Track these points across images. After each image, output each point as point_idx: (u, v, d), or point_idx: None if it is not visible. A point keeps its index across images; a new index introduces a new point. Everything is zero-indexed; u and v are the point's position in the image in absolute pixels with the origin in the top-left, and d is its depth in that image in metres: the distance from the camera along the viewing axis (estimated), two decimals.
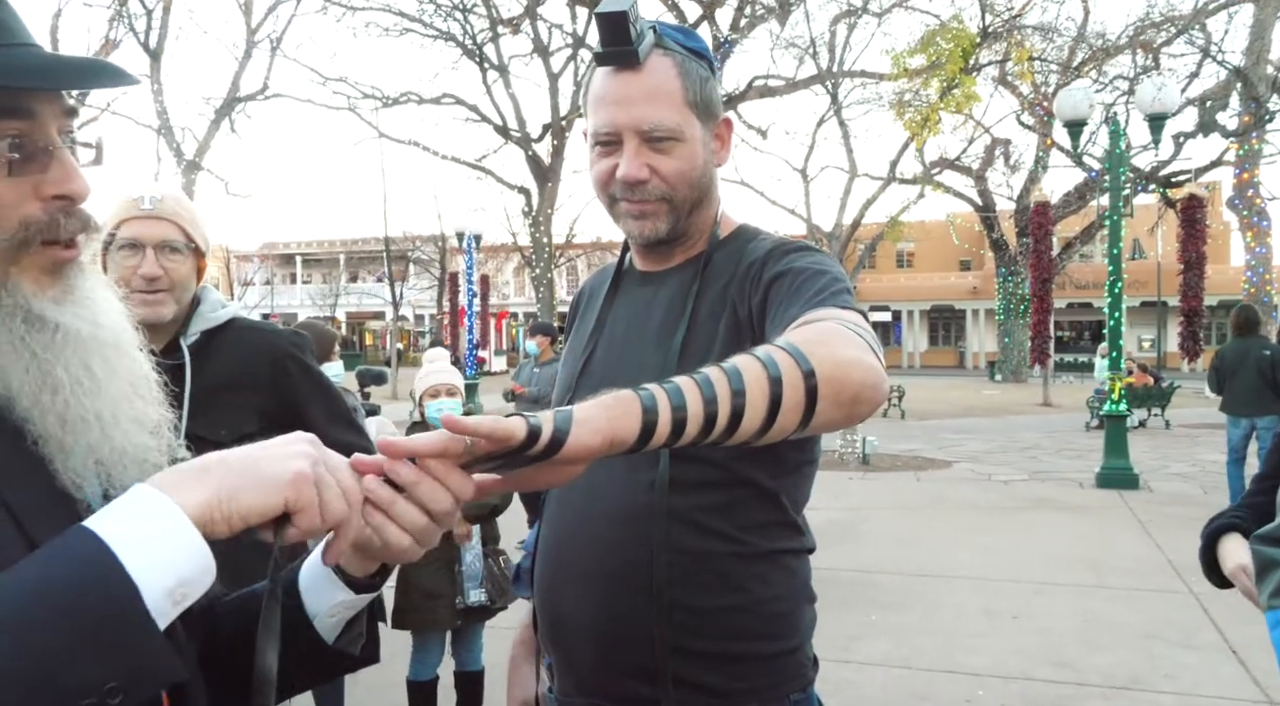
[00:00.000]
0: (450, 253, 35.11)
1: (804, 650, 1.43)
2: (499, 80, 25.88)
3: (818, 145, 37.83)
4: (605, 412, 0.89)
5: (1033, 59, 23.52)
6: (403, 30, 25.25)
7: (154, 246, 1.95)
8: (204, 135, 25.03)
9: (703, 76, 1.41)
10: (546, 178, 25.63)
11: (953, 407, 21.40)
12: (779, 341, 1.05)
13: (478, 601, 3.72)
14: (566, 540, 1.43)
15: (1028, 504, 9.51)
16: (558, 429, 0.84)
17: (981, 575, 6.58)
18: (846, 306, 1.20)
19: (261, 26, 25.77)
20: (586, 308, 1.65)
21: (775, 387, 0.97)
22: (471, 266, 21.13)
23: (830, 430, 1.07)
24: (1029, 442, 14.85)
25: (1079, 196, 27.34)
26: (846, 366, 1.02)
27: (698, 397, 0.94)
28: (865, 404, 1.04)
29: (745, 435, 0.98)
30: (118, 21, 22.63)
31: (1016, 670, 4.72)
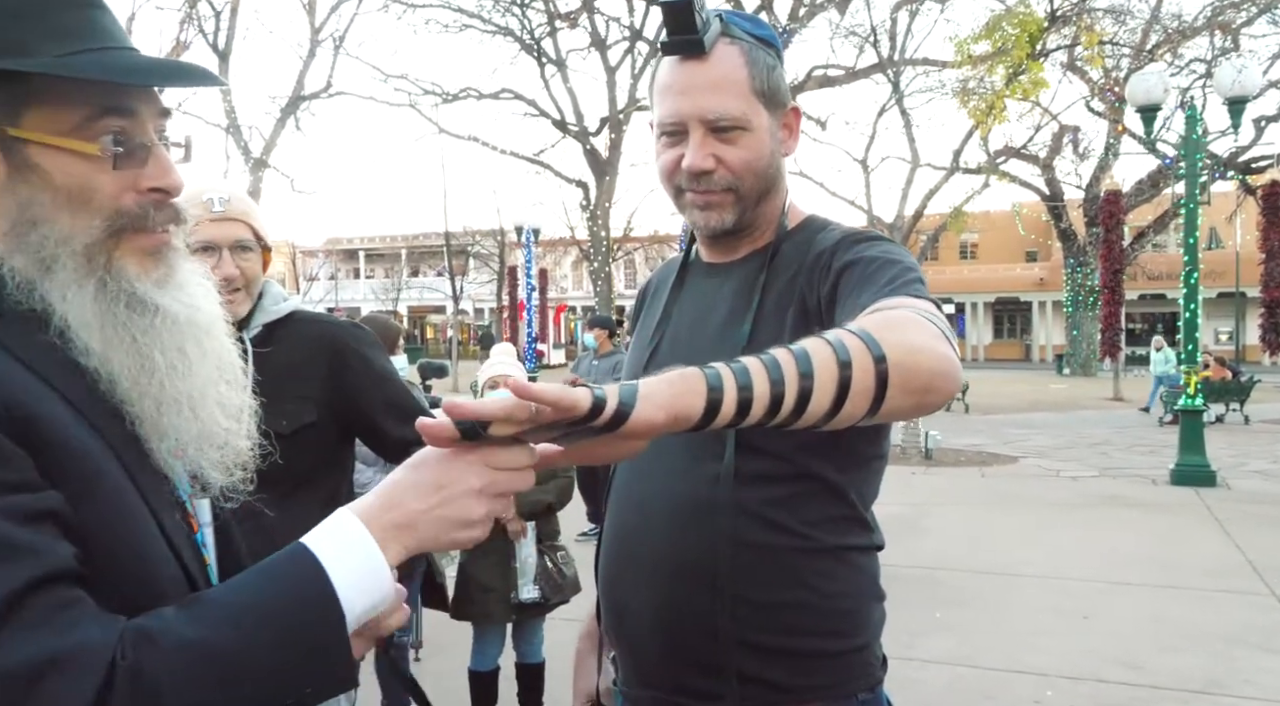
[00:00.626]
0: (509, 247, 35.39)
1: (872, 648, 1.40)
2: (557, 74, 26.01)
3: (879, 135, 37.37)
4: (670, 388, 0.89)
5: (1103, 43, 22.87)
6: (462, 26, 25.50)
7: (228, 247, 1.98)
8: (270, 133, 25.57)
9: (770, 64, 1.38)
10: (604, 171, 25.68)
11: (1018, 402, 20.95)
12: (850, 326, 1.03)
13: (531, 597, 3.73)
14: (630, 532, 1.42)
15: (1097, 501, 9.27)
16: (622, 402, 0.85)
17: (1049, 573, 6.43)
18: (919, 295, 1.17)
19: (325, 25, 26.23)
20: (652, 300, 1.64)
21: (844, 372, 0.95)
22: (530, 260, 21.27)
23: (900, 419, 1.05)
24: (1099, 438, 14.47)
25: (1152, 184, 26.55)
26: (918, 353, 1.00)
27: (764, 378, 0.93)
28: (937, 393, 1.02)
29: (812, 419, 0.96)
30: (188, 23, 23.21)
31: (1086, 671, 4.60)
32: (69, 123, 0.87)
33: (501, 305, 37.51)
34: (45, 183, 0.87)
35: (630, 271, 44.86)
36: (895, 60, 24.77)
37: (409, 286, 46.91)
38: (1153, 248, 30.88)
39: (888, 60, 24.62)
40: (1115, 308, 19.60)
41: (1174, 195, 15.38)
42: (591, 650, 1.62)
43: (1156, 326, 42.08)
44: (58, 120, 0.87)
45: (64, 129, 0.87)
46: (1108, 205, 19.80)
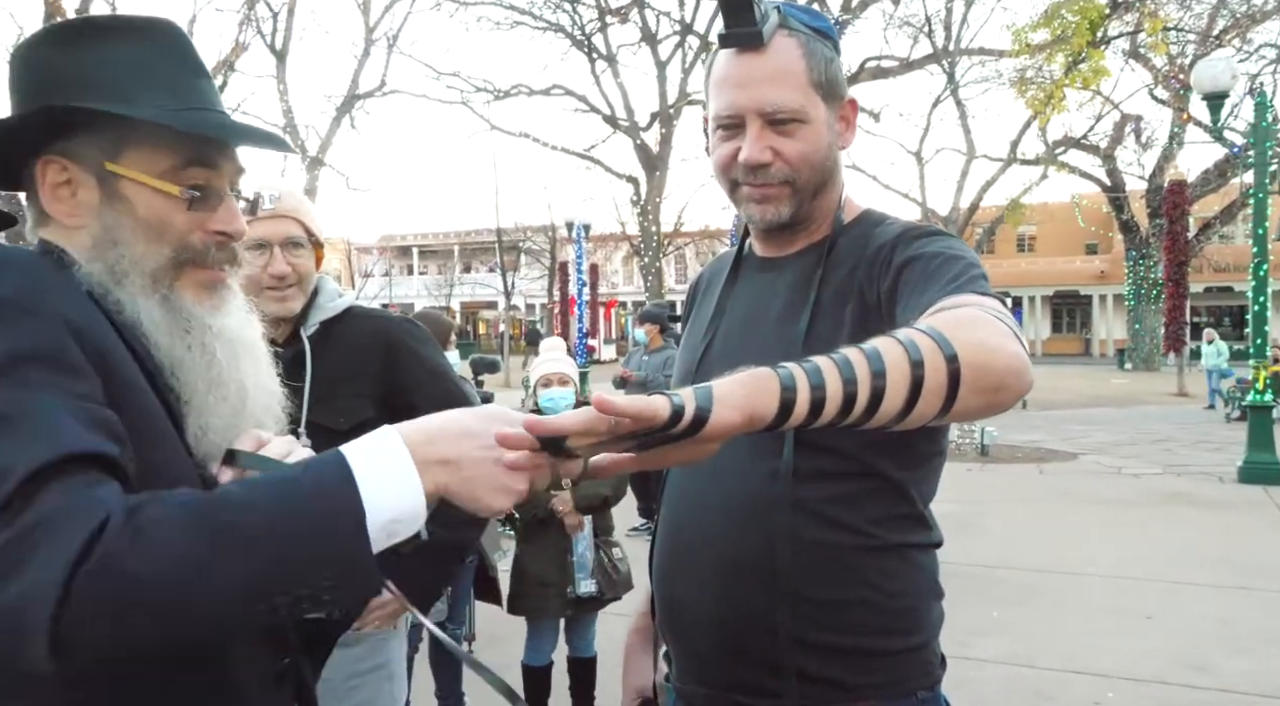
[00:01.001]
0: (560, 242, 35.56)
1: (931, 647, 1.39)
2: (607, 70, 26.05)
3: (933, 127, 36.81)
4: (743, 390, 0.90)
5: (1168, 29, 22.23)
6: (513, 23, 25.68)
7: (280, 244, 2.00)
8: (326, 132, 26.01)
9: (828, 57, 1.37)
10: (655, 166, 25.67)
11: (1078, 397, 20.52)
12: (919, 324, 1.02)
13: (588, 592, 3.74)
14: (686, 528, 1.41)
15: (1161, 499, 9.04)
16: (700, 407, 0.86)
17: (1110, 572, 6.29)
18: (984, 293, 1.15)
19: (379, 25, 26.59)
20: (704, 295, 1.63)
21: (917, 371, 0.95)
22: (581, 256, 21.34)
23: (971, 419, 1.06)
24: (1162, 434, 14.11)
25: (1219, 174, 25.79)
26: (990, 352, 1.00)
27: (837, 378, 0.93)
28: (1009, 392, 1.02)
29: (884, 419, 0.96)
30: (246, 25, 23.67)
31: (1149, 673, 4.49)
32: (160, 166, 1.02)
33: (552, 301, 37.74)
34: (129, 212, 1.01)
35: (681, 266, 44.80)
36: (950, 50, 24.37)
37: (461, 282, 47.40)
38: (1219, 239, 30.07)
39: (943, 50, 24.23)
40: (1180, 301, 19.14)
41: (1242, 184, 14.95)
42: (643, 645, 1.61)
43: (1223, 320, 40.96)
44: (151, 162, 1.02)
45: (155, 171, 1.02)
46: (1172, 196, 19.31)
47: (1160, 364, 28.51)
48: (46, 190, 1.01)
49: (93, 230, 1.01)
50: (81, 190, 1.01)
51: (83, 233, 1.01)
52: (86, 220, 1.01)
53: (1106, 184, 29.52)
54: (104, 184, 1.01)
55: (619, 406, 0.81)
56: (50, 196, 1.01)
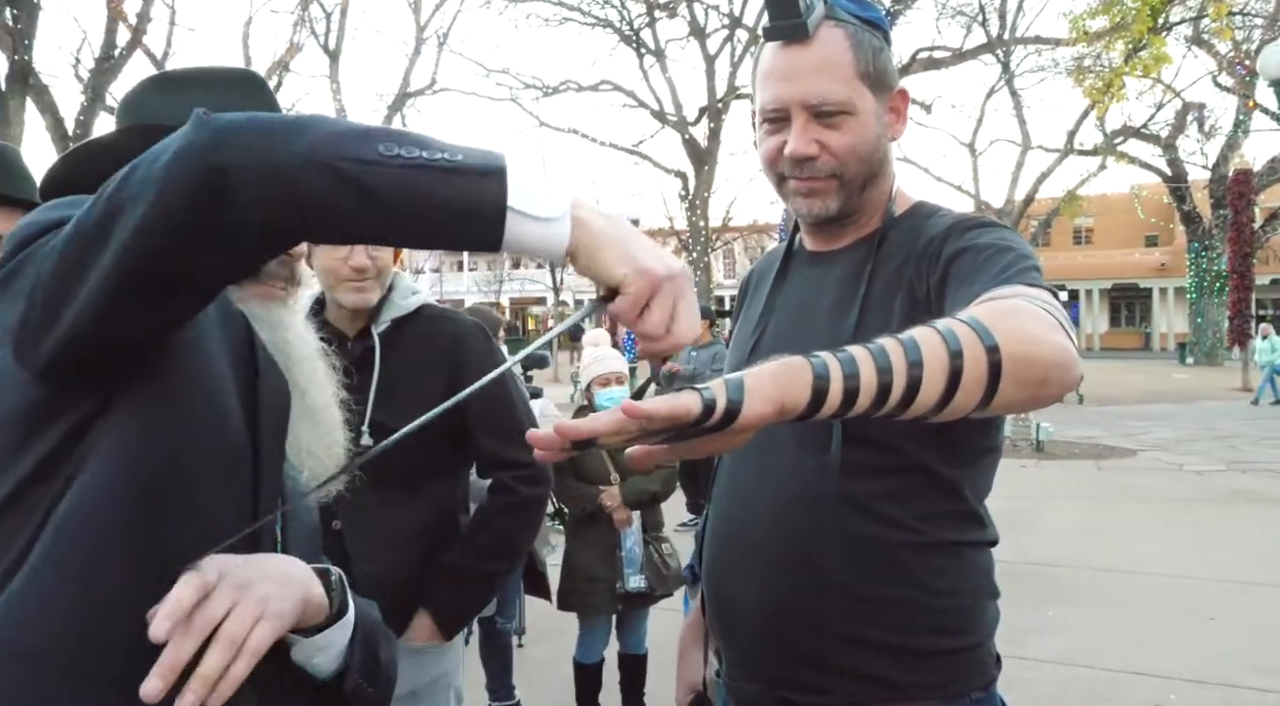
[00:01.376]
0: None
1: (986, 647, 1.36)
2: (655, 65, 26.00)
3: (987, 118, 36.19)
4: (774, 380, 0.89)
5: (1233, 13, 21.57)
6: (562, 20, 25.73)
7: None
8: None
9: (876, 47, 1.35)
10: (703, 161, 25.59)
11: (1137, 392, 20.06)
12: (961, 314, 1.00)
13: (637, 588, 3.73)
14: (735, 523, 1.41)
15: (1225, 496, 8.80)
16: (731, 399, 0.85)
17: (1172, 571, 6.13)
18: (1034, 284, 1.12)
19: (430, 23, 26.88)
20: (754, 291, 1.61)
21: (955, 362, 0.93)
22: None
23: (1014, 411, 1.03)
24: (1226, 431, 13.72)
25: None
26: (1034, 344, 0.97)
27: (871, 367, 0.92)
28: (1053, 385, 0.99)
29: (921, 410, 0.94)
30: (301, 26, 24.06)
31: (1214, 675, 4.37)
32: None
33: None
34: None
35: (729, 261, 44.63)
36: (1005, 39, 23.93)
37: (511, 278, 47.71)
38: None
39: (997, 40, 23.80)
40: (1244, 293, 18.62)
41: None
42: (696, 641, 1.61)
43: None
44: None
45: None
46: (1237, 185, 18.77)
47: (1224, 358, 27.74)
48: None
49: None
50: None
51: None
52: None
53: (1167, 174, 28.78)
54: None
55: (647, 409, 0.81)
56: None
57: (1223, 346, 26.93)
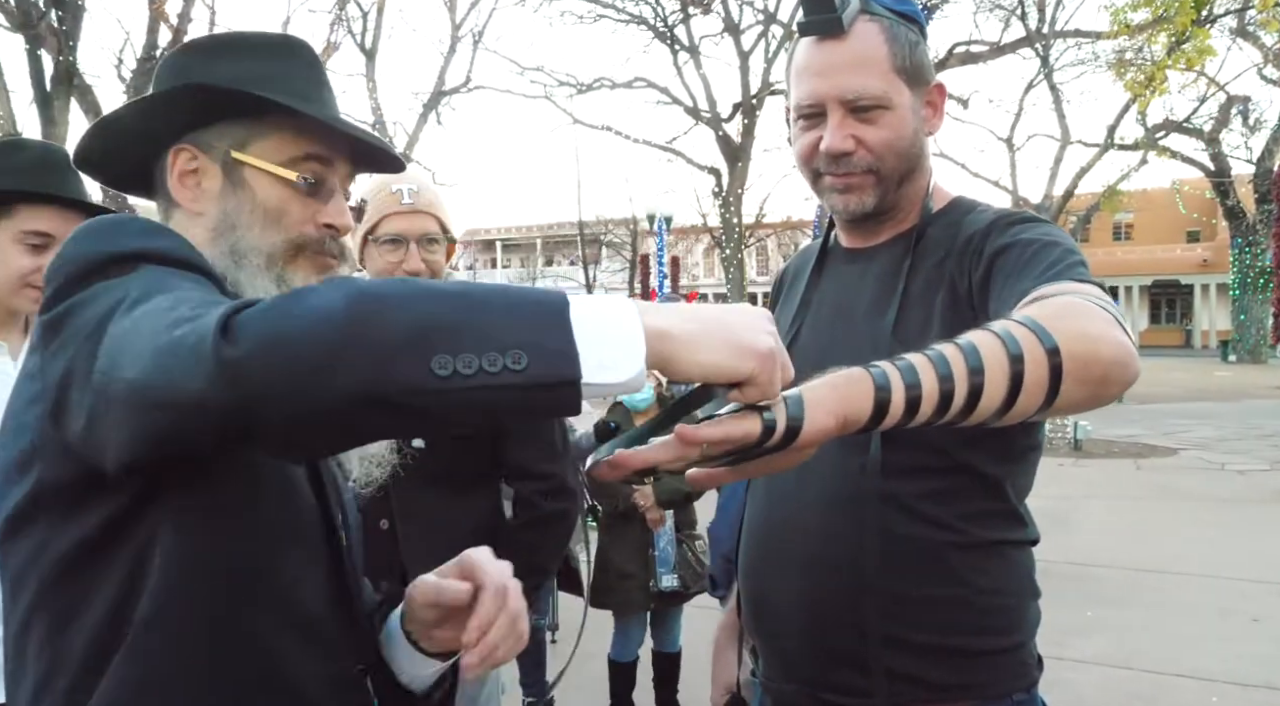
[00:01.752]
0: (641, 235, 35.62)
1: (1028, 648, 1.35)
2: (689, 61, 25.93)
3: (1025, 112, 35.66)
4: (835, 393, 0.88)
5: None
6: (596, 17, 25.74)
7: (416, 240, 1.96)
8: (413, 128, 26.49)
9: (912, 41, 1.34)
10: (737, 157, 25.49)
11: (1178, 390, 19.71)
12: (1016, 316, 0.99)
13: (670, 586, 3.74)
14: (775, 524, 1.39)
15: (1269, 496, 8.62)
16: (791, 417, 0.84)
17: (1214, 572, 6.03)
18: (1084, 279, 1.11)
19: (465, 21, 26.95)
20: (790, 288, 1.60)
21: (1016, 366, 0.92)
22: (662, 248, 21.35)
23: (1076, 412, 1.03)
24: (1270, 430, 13.43)
25: None
26: (1094, 342, 0.96)
27: (932, 375, 0.91)
28: (1115, 383, 0.98)
29: (983, 415, 0.94)
30: (338, 25, 24.27)
31: (1258, 677, 4.29)
32: (282, 156, 1.08)
33: (634, 293, 37.86)
34: (249, 198, 1.06)
35: (763, 258, 44.43)
36: (1044, 33, 23.58)
37: (544, 276, 47.84)
38: None
39: (1036, 33, 23.46)
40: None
41: None
42: (731, 641, 1.60)
43: None
44: (275, 152, 1.07)
45: (276, 160, 1.07)
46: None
47: (1268, 356, 27.21)
48: (175, 177, 1.07)
49: (213, 216, 1.06)
50: (206, 179, 1.07)
51: (204, 219, 1.06)
52: (207, 207, 1.07)
53: (1210, 168, 28.26)
54: (228, 172, 1.06)
55: (705, 436, 0.79)
56: (177, 184, 1.07)
57: (1267, 343, 26.40)
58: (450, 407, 0.70)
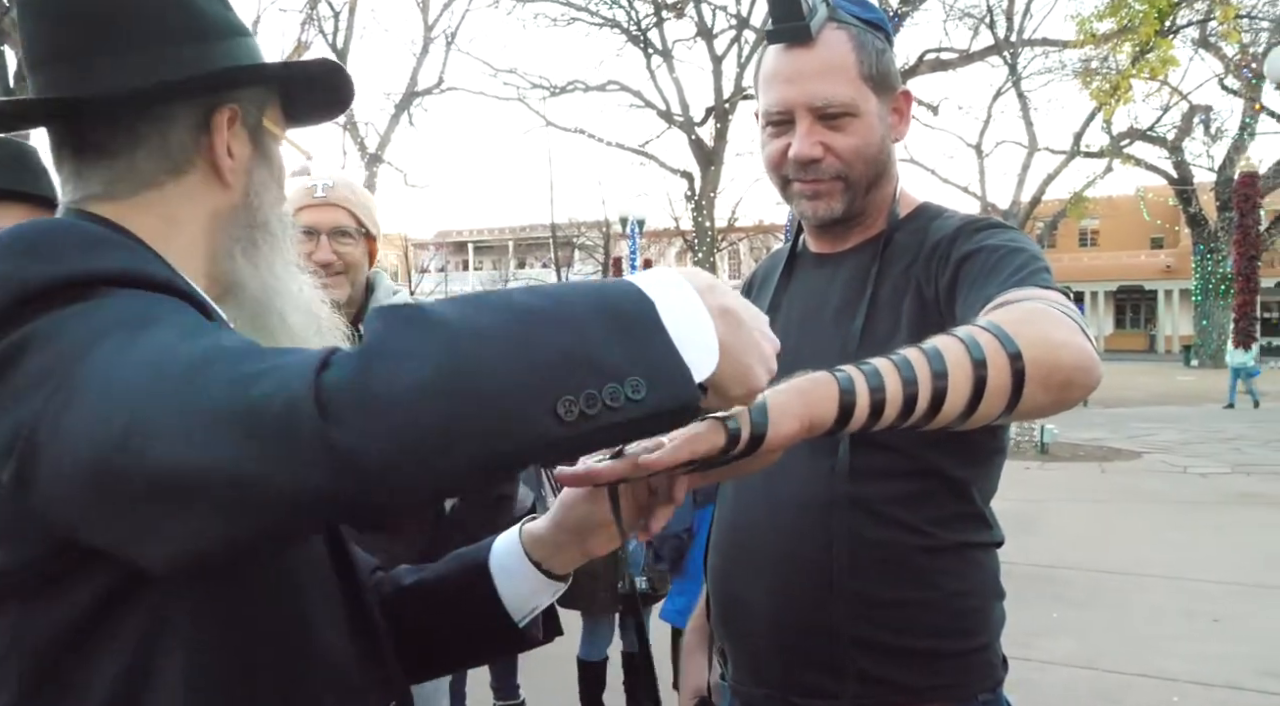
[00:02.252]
0: (614, 238, 35.64)
1: (993, 648, 1.37)
2: (663, 65, 26.04)
3: (994, 119, 36.09)
4: (801, 398, 0.88)
5: (1240, 16, 21.53)
6: (570, 20, 25.79)
7: (327, 233, 2.02)
8: (385, 129, 26.37)
9: (879, 48, 1.35)
10: (709, 161, 25.60)
11: (1142, 395, 20.00)
12: (980, 322, 1.00)
13: (639, 587, 3.72)
14: (744, 526, 1.40)
15: (1231, 499, 8.78)
16: (755, 423, 0.84)
17: (1177, 574, 6.13)
18: (1047, 286, 1.13)
19: (438, 22, 26.90)
20: (758, 293, 1.61)
21: (979, 370, 0.94)
22: (635, 251, 21.40)
23: (1038, 417, 1.05)
24: (1232, 433, 13.69)
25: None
26: (1057, 348, 0.98)
27: (896, 379, 0.92)
28: (1077, 388, 1.00)
29: (947, 418, 0.95)
30: (309, 24, 24.09)
31: (1220, 677, 4.37)
32: (283, 127, 1.00)
33: None
34: (272, 167, 0.98)
35: (735, 262, 44.60)
36: (1012, 41, 23.91)
37: (516, 278, 47.71)
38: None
39: (1004, 41, 23.78)
40: (1250, 296, 18.61)
41: None
42: (700, 644, 1.60)
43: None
44: (279, 122, 1.00)
45: (282, 123, 1.00)
46: (1243, 188, 18.75)
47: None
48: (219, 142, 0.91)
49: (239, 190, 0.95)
50: (237, 145, 0.94)
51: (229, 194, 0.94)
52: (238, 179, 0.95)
53: (1173, 176, 28.77)
54: (257, 140, 0.96)
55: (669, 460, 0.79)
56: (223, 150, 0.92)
57: (1228, 349, 26.90)
58: (575, 451, 0.65)
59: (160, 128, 0.89)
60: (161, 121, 0.89)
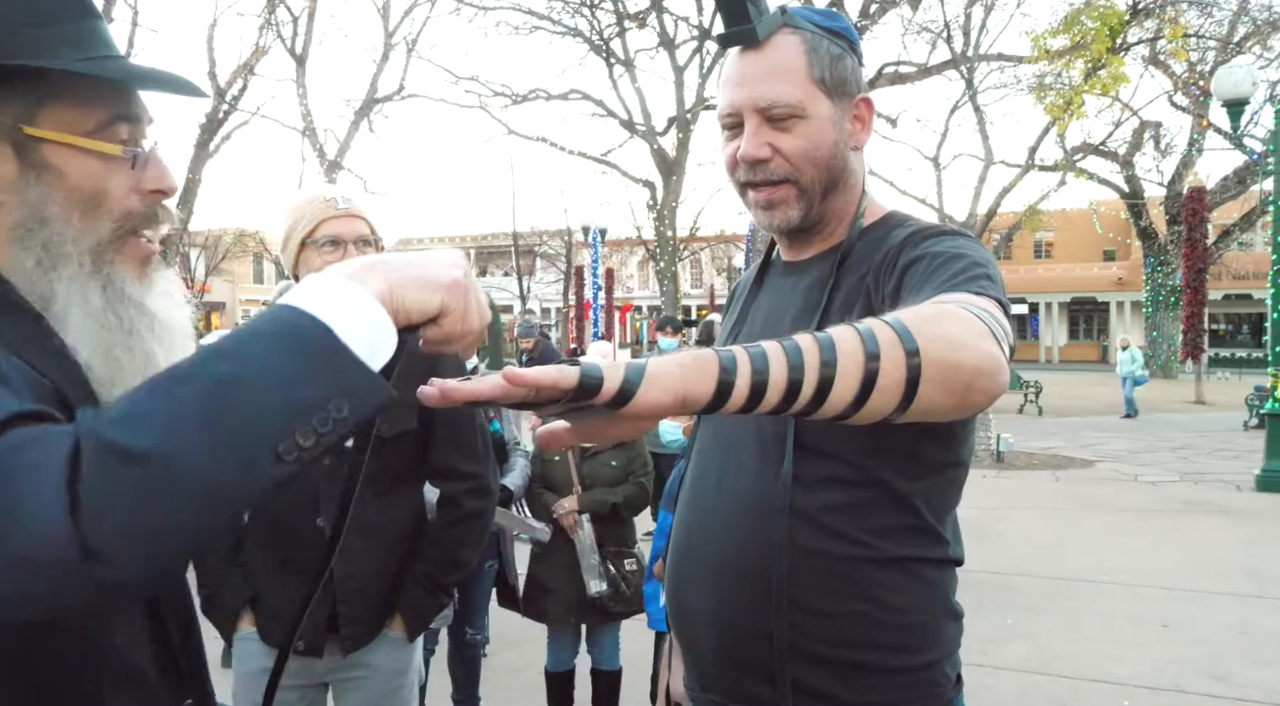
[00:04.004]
0: (576, 247, 35.62)
1: (941, 667, 1.32)
2: (625, 75, 26.09)
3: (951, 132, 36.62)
4: (680, 370, 0.87)
5: (1188, 35, 22.09)
6: (532, 28, 25.75)
7: (352, 242, 2.08)
8: (345, 135, 26.15)
9: (835, 53, 1.34)
10: (671, 171, 25.69)
11: (1095, 404, 20.40)
12: (886, 316, 0.98)
13: (597, 592, 3.68)
14: (694, 530, 1.39)
15: (1179, 506, 8.99)
16: (627, 381, 0.83)
17: (1127, 580, 6.26)
18: (982, 292, 1.09)
19: (398, 29, 26.74)
20: (736, 301, 1.62)
21: (871, 363, 0.92)
22: (597, 260, 21.40)
23: (938, 418, 0.99)
24: (1180, 442, 14.01)
25: (1239, 181, 25.64)
26: (959, 349, 0.95)
27: (782, 364, 0.90)
28: (979, 393, 0.96)
29: (833, 410, 0.93)
30: (267, 29, 23.84)
31: (1167, 681, 4.47)
32: (88, 125, 0.89)
33: (568, 305, 37.80)
34: (59, 183, 0.88)
35: (696, 271, 44.77)
36: (969, 56, 24.28)
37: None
38: (1239, 246, 29.80)
39: (961, 56, 24.15)
40: (1198, 308, 19.01)
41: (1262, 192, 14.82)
42: (677, 649, 1.58)
43: (1242, 327, 40.60)
44: (77, 122, 0.89)
45: (84, 130, 0.89)
46: (1191, 202, 19.17)
47: (1178, 371, 28.31)
48: None
49: (13, 211, 0.88)
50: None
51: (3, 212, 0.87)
52: (8, 197, 0.87)
53: (1125, 190, 29.37)
54: (22, 153, 0.87)
55: (525, 378, 0.79)
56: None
57: (1177, 359, 27.46)
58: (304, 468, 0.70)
59: None
60: None
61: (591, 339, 21.34)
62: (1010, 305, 1.15)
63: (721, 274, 41.78)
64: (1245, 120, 11.24)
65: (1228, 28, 23.61)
